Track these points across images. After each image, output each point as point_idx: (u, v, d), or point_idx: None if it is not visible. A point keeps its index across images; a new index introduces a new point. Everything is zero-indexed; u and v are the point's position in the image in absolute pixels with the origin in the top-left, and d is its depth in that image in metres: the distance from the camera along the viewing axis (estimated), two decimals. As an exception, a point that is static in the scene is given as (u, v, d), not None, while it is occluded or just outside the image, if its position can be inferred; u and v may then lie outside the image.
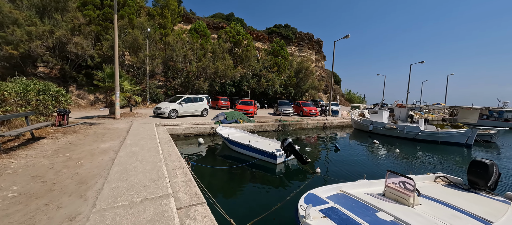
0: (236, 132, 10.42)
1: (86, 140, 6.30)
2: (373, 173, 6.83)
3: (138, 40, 19.30)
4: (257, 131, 13.35)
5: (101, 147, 5.66)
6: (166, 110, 12.34)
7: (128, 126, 9.11)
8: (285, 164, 7.23)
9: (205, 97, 15.67)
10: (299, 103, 20.06)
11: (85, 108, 17.61)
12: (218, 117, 12.89)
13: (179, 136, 10.92)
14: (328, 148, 10.31)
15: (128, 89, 13.11)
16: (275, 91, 30.44)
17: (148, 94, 20.75)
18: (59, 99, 8.56)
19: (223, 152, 8.86)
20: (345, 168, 7.11)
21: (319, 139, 13.24)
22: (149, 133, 7.64)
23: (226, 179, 6.10)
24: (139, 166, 4.21)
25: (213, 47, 25.17)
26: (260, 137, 9.48)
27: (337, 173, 6.60)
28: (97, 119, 11.00)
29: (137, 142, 6.22)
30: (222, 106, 22.39)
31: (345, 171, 6.82)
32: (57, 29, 16.24)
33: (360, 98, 59.85)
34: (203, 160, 7.68)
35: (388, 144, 11.96)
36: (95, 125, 9.20)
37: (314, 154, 9.00)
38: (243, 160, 7.55)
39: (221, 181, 5.96)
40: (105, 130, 8.01)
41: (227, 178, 6.13)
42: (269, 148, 7.60)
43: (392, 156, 9.25)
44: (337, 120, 18.60)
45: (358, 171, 6.94)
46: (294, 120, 15.81)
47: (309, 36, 54.62)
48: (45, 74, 18.42)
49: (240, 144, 7.96)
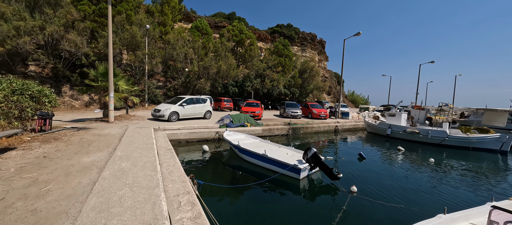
0: (245, 138, 9.21)
1: (67, 152, 5.08)
2: (422, 194, 5.56)
3: (137, 38, 18.11)
4: (265, 135, 12.15)
5: (83, 161, 4.44)
6: (165, 113, 11.13)
7: (121, 132, 7.89)
8: (309, 179, 6.02)
9: (208, 98, 14.47)
10: (308, 104, 18.87)
11: (78, 110, 16.39)
12: (223, 120, 11.68)
13: (181, 142, 9.70)
14: (350, 156, 9.06)
15: (124, 89, 11.91)
16: (279, 92, 29.27)
17: (146, 94, 19.54)
18: (41, 101, 7.34)
19: (231, 162, 7.64)
20: (386, 186, 5.79)
21: (334, 144, 12.02)
22: (146, 141, 6.42)
23: (241, 201, 4.88)
24: (127, 195, 3.00)
25: (215, 46, 24.00)
26: (273, 144, 8.27)
27: (379, 194, 5.27)
28: (88, 123, 9.78)
29: (130, 153, 5.00)
30: (225, 108, 21.19)
31: (389, 192, 5.44)
32: (49, 25, 15.03)
33: (364, 99, 58.68)
34: (210, 174, 6.44)
35: (412, 150, 10.76)
36: (83, 130, 7.98)
37: (335, 164, 7.77)
38: (257, 174, 6.33)
39: (236, 205, 4.72)
40: (94, 137, 6.79)
41: (242, 201, 4.90)
42: (288, 158, 6.39)
43: (429, 167, 7.99)
44: (349, 122, 17.41)
45: (403, 190, 5.66)
46: (304, 123, 14.61)
47: (312, 36, 53.59)
48: (37, 73, 17.21)
49: (254, 154, 6.74)
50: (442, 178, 6.82)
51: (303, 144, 11.57)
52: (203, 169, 6.86)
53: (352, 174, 6.65)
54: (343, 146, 11.54)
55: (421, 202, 5.00)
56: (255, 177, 6.10)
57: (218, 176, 6.39)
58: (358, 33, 18.17)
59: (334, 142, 12.47)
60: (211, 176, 6.30)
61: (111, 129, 8.42)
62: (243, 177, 6.24)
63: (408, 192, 5.55)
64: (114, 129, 8.33)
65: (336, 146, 11.46)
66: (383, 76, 42.84)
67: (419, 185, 6.13)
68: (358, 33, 18.17)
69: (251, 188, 5.39)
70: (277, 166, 6.05)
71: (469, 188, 6.04)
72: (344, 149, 10.81)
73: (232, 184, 5.60)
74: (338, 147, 11.35)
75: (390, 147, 11.54)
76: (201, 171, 6.63)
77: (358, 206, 4.64)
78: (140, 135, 7.35)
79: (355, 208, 4.54)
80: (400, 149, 10.34)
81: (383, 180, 6.27)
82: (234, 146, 7.59)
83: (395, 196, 5.24)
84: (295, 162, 5.93)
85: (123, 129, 8.40)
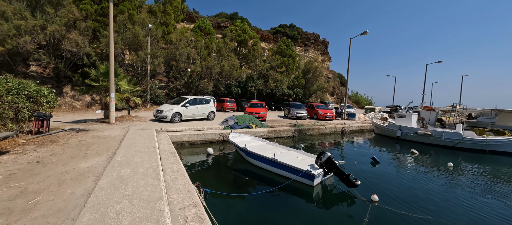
0: (252, 140, 8.80)
1: (63, 156, 4.71)
2: (449, 203, 5.08)
3: (139, 37, 17.83)
4: (271, 137, 11.74)
5: (80, 167, 4.07)
6: (168, 114, 10.76)
7: (123, 134, 7.53)
8: (322, 186, 5.58)
9: (211, 98, 14.10)
10: (313, 105, 18.41)
11: (80, 111, 16.13)
12: (228, 122, 11.29)
13: (184, 144, 9.32)
14: (363, 160, 8.59)
15: (126, 89, 11.59)
16: (282, 93, 28.83)
17: (149, 95, 19.24)
18: (38, 101, 7.01)
19: (238, 166, 7.24)
20: (408, 195, 5.27)
21: (342, 146, 11.56)
22: (148, 144, 6.04)
23: (251, 212, 4.46)
24: (126, 209, 2.60)
25: (218, 46, 23.66)
26: (282, 147, 7.84)
27: (402, 203, 4.77)
28: (89, 124, 9.45)
29: (131, 158, 4.62)
30: (228, 109, 20.81)
31: (412, 201, 4.94)
32: (50, 24, 14.80)
33: (367, 100, 57.94)
34: (216, 180, 6.03)
35: (426, 153, 10.26)
36: (83, 132, 7.63)
37: (347, 168, 7.32)
38: (266, 179, 5.91)
39: (246, 217, 4.30)
40: (93, 140, 6.43)
41: (252, 211, 4.49)
42: (299, 163, 5.97)
43: (449, 172, 7.48)
44: (356, 124, 16.91)
45: (427, 198, 5.14)
46: (310, 125, 14.16)
47: (315, 36, 53.16)
48: (38, 74, 17.00)
49: (262, 158, 6.33)
50: (466, 185, 6.33)
51: (310, 146, 11.14)
52: (208, 174, 6.47)
53: (368, 180, 6.20)
54: (353, 149, 11.07)
55: (449, 213, 4.55)
56: (265, 183, 5.68)
57: (224, 182, 5.98)
58: (365, 32, 17.70)
59: (343, 145, 12.01)
60: (217, 182, 5.89)
61: (111, 130, 8.07)
62: (252, 184, 5.83)
63: (433, 201, 5.09)
64: (114, 131, 7.97)
65: (345, 149, 10.99)
66: (388, 76, 42.20)
67: (443, 192, 5.66)
68: (365, 32, 17.70)
69: (261, 196, 4.97)
70: (289, 171, 5.62)
71: (500, 198, 5.53)
72: (354, 152, 10.35)
73: (240, 191, 5.18)
74: (348, 150, 10.89)
75: (401, 150, 11.05)
76: (206, 176, 6.24)
77: (381, 217, 4.20)
78: (142, 137, 6.98)
79: (378, 220, 4.10)
80: (414, 152, 9.85)
81: (403, 188, 5.80)
82: (241, 149, 7.18)
83: (420, 206, 4.78)
84: (308, 168, 5.51)
85: (124, 131, 8.04)
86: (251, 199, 4.83)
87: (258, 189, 5.30)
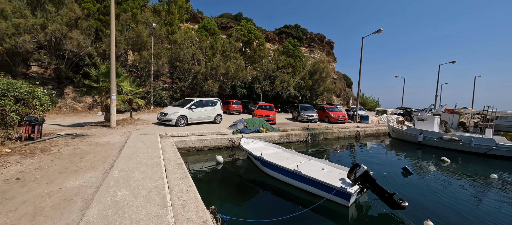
0: (265, 146, 7.97)
1: (50, 170, 3.93)
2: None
3: (142, 37, 17.20)
4: (282, 142, 10.89)
5: (67, 187, 3.27)
6: (173, 117, 9.99)
7: (123, 140, 6.76)
8: (357, 205, 4.70)
9: (217, 100, 13.31)
10: (323, 107, 17.48)
11: (80, 113, 15.49)
12: (237, 125, 10.47)
13: (190, 151, 8.51)
14: (392, 170, 7.64)
15: (128, 90, 10.87)
16: (289, 94, 27.97)
17: (152, 96, 18.55)
18: (30, 104, 6.28)
19: (252, 176, 6.40)
20: (468, 221, 4.38)
21: (358, 152, 10.63)
22: (151, 153, 5.24)
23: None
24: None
25: (223, 46, 22.95)
26: (301, 155, 6.96)
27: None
28: (88, 128, 8.72)
29: (130, 174, 3.82)
30: (234, 111, 20.02)
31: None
32: (51, 23, 14.24)
33: (374, 102, 56.61)
34: (232, 199, 5.14)
35: (455, 160, 9.27)
36: (80, 137, 6.88)
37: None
38: (290, 196, 5.06)
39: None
40: (90, 147, 5.66)
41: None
42: (327, 176, 5.10)
43: (500, 186, 6.52)
44: (370, 127, 15.95)
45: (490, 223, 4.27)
46: (323, 128, 13.26)
47: (321, 37, 52.28)
48: (39, 75, 16.44)
49: (283, 170, 5.47)
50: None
51: (322, 151, 10.27)
52: (221, 190, 5.62)
53: (408, 198, 5.26)
54: (373, 156, 10.13)
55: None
56: (291, 201, 4.82)
57: (242, 201, 5.10)
58: (379, 30, 16.78)
59: (360, 150, 11.08)
60: (234, 201, 5.04)
61: (111, 136, 7.30)
62: (274, 203, 4.94)
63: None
64: (115, 137, 7.21)
65: (365, 156, 10.05)
66: (396, 77, 40.99)
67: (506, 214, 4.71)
68: (379, 30, 16.78)
69: (289, 221, 4.08)
70: (317, 187, 4.75)
71: None
72: (376, 159, 9.41)
73: (263, 216, 4.28)
74: (368, 157, 9.95)
75: (426, 157, 10.07)
76: (219, 193, 5.40)
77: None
78: (145, 144, 6.19)
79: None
80: (445, 160, 8.87)
81: (456, 209, 4.80)
82: (256, 157, 6.34)
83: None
84: (339, 183, 4.64)
85: (125, 136, 7.27)
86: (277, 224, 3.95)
87: (284, 210, 4.41)
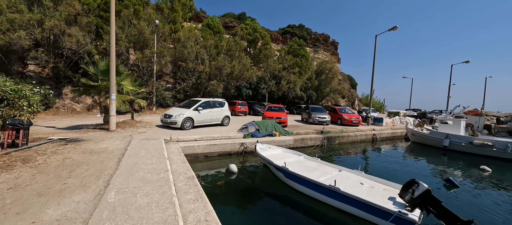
0: (283, 152, 7.06)
1: (28, 190, 3.04)
2: None
3: (145, 34, 16.38)
4: (297, 146, 9.97)
5: (43, 220, 2.37)
6: (178, 119, 9.10)
7: (123, 146, 5.87)
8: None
9: (225, 101, 12.40)
10: (335, 108, 16.54)
11: (79, 114, 14.66)
12: (248, 129, 9.56)
13: (198, 157, 7.60)
14: (429, 181, 6.67)
15: (129, 90, 10.01)
16: (295, 95, 27.05)
17: (154, 97, 17.70)
18: (16, 104, 5.41)
19: (272, 189, 5.47)
20: None
21: (380, 158, 9.65)
22: (156, 166, 4.34)
23: None
24: None
25: (228, 44, 22.09)
26: (330, 164, 6.01)
27: None
28: (85, 132, 7.85)
29: (131, 197, 2.91)
30: (240, 112, 19.13)
31: None
32: (48, 19, 13.44)
33: (379, 103, 55.50)
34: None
35: (492, 168, 8.28)
36: (74, 143, 5.99)
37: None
38: (328, 219, 4.12)
39: None
40: (83, 156, 4.77)
41: None
42: (370, 194, 4.17)
43: None
44: (386, 130, 14.97)
45: None
46: (338, 131, 12.32)
47: (325, 37, 51.43)
48: (36, 74, 15.65)
49: (315, 185, 4.53)
50: None
51: (341, 156, 9.34)
52: (239, 207, 4.70)
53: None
54: (398, 163, 9.16)
55: None
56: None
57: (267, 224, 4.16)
58: (394, 27, 15.84)
59: (381, 156, 10.11)
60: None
61: (110, 141, 6.42)
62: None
63: None
64: (113, 142, 6.32)
65: (389, 163, 9.07)
66: (404, 78, 39.95)
67: None
68: (394, 27, 15.84)
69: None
70: (365, 210, 3.79)
71: None
72: (402, 166, 8.45)
73: None
74: (391, 163, 8.97)
75: (458, 164, 9.10)
76: (238, 213, 4.48)
77: None
78: (148, 152, 5.29)
79: None
80: (486, 170, 7.88)
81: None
82: (278, 168, 5.41)
83: None
84: (390, 204, 3.71)
85: (125, 142, 6.38)
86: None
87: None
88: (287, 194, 5.15)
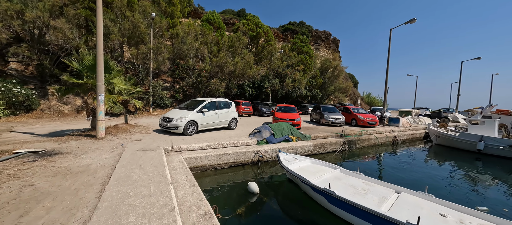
0: (312, 164, 5.75)
1: None
2: None
3: (140, 28, 14.90)
4: (317, 153, 8.68)
5: None
6: (180, 123, 7.72)
7: (112, 161, 4.49)
8: None
9: (231, 102, 11.03)
10: (348, 108, 15.30)
11: (67, 117, 13.14)
12: (261, 133, 8.22)
13: (206, 170, 6.25)
14: (486, 193, 5.50)
15: (122, 89, 8.58)
16: (300, 94, 25.79)
17: (151, 97, 16.24)
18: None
19: (312, 217, 4.16)
20: None
21: (411, 166, 8.40)
22: (156, 199, 2.98)
23: None
24: None
25: (231, 40, 20.69)
26: (378, 182, 4.67)
27: None
28: (67, 140, 6.43)
29: None
30: (244, 113, 17.78)
31: None
32: (30, 10, 11.88)
33: (381, 102, 54.73)
34: None
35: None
36: (47, 158, 4.58)
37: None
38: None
39: None
40: (52, 182, 3.38)
41: None
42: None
43: None
44: (405, 131, 13.79)
45: None
46: (357, 134, 11.08)
47: (326, 34, 50.29)
48: (18, 72, 14.04)
49: (385, 221, 3.22)
50: None
51: (361, 162, 8.08)
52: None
53: None
54: (435, 169, 7.93)
55: None
56: None
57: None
58: (412, 20, 14.66)
59: (412, 163, 8.85)
60: None
61: (94, 154, 5.01)
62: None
63: None
64: (99, 155, 4.92)
65: (426, 173, 7.82)
66: (408, 76, 39.03)
67: None
68: (412, 20, 14.66)
69: None
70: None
71: None
72: (442, 176, 7.22)
73: None
74: (429, 171, 7.73)
75: (494, 170, 7.92)
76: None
77: None
78: (144, 172, 3.92)
79: None
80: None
81: None
82: (319, 191, 4.08)
83: None
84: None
85: (115, 154, 4.99)
86: None
87: None
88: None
